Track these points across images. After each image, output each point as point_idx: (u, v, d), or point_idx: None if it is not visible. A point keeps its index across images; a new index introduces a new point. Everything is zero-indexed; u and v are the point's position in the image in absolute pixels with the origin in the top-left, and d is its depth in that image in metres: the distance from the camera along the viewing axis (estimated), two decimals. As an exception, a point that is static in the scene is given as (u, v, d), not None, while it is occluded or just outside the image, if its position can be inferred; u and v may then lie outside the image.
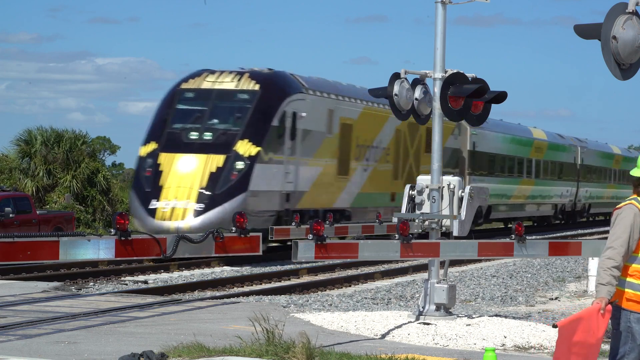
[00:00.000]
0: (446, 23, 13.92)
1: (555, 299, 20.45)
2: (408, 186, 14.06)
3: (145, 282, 21.82)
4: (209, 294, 20.00)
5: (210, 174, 26.45)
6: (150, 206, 26.01)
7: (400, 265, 27.70)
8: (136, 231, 9.49)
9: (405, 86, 14.34)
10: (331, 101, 30.98)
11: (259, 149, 27.14)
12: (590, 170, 59.85)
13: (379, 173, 34.26)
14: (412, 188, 13.96)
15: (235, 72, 28.84)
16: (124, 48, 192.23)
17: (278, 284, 22.55)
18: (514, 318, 14.49)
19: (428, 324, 12.99)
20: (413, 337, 12.28)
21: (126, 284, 21.28)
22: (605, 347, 8.54)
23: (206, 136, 27.46)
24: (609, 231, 7.33)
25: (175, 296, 18.59)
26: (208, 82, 28.70)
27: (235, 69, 29.31)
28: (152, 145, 27.59)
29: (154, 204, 26.03)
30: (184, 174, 26.55)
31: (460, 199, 13.73)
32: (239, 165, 26.79)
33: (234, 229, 10.25)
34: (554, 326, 7.12)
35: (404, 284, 22.88)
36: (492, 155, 45.44)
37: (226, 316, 13.56)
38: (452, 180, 13.84)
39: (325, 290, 21.83)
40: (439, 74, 13.85)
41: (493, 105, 14.28)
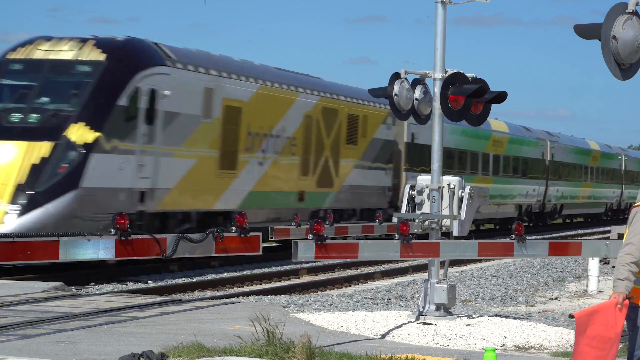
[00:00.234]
0: (446, 23, 13.93)
1: (555, 299, 20.46)
2: (408, 186, 14.07)
3: (146, 283, 21.83)
4: (209, 294, 20.01)
5: (31, 166, 20.78)
6: None
7: (400, 265, 27.71)
8: (136, 231, 9.48)
9: (405, 86, 14.34)
10: (210, 78, 24.97)
11: (98, 134, 21.54)
12: (563, 167, 54.67)
13: (281, 168, 28.53)
14: (412, 188, 13.97)
15: (78, 39, 22.94)
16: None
17: (278, 284, 22.56)
18: (514, 318, 14.49)
19: (428, 324, 12.99)
20: (413, 337, 12.28)
21: (126, 284, 21.28)
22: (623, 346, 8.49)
23: (31, 119, 21.72)
24: (608, 230, 7.33)
25: (175, 296, 18.59)
26: (40, 52, 22.78)
27: (80, 35, 23.37)
28: None
29: None
30: None
31: (460, 199, 13.75)
32: (71, 155, 21.21)
33: (234, 228, 10.24)
34: (571, 316, 7.13)
35: (404, 284, 22.89)
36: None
37: (226, 316, 13.56)
38: (452, 180, 13.85)
39: (325, 290, 21.85)
40: (439, 74, 13.86)
41: (493, 105, 14.29)
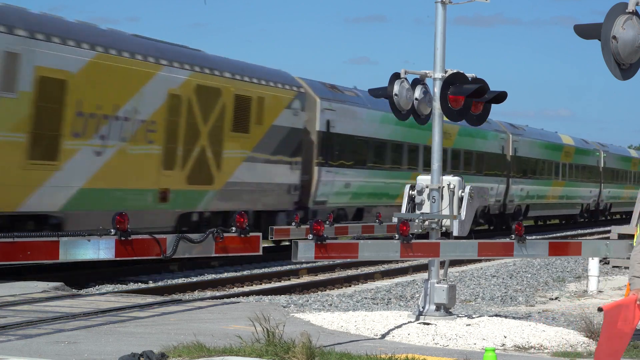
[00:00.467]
0: (446, 23, 13.93)
1: (555, 299, 20.45)
2: (408, 186, 14.07)
3: (146, 283, 21.84)
4: (209, 294, 20.02)
5: None
6: None
7: (400, 265, 27.72)
8: (136, 231, 9.47)
9: (405, 86, 14.34)
10: (16, 40, 19.42)
11: None
12: (528, 163, 47.47)
13: (131, 159, 22.73)
14: (412, 188, 13.97)
15: None
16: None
17: (278, 284, 22.57)
18: (514, 318, 14.49)
19: (428, 324, 12.99)
20: (413, 337, 12.28)
21: (126, 284, 21.29)
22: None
23: None
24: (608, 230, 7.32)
25: (175, 296, 18.60)
26: None
27: None
28: None
29: None
30: None
31: (460, 199, 13.74)
32: None
33: (234, 228, 10.24)
34: (600, 309, 7.11)
35: (404, 284, 22.89)
36: (363, 141, 32.73)
37: (226, 316, 13.56)
38: (452, 180, 13.85)
39: (325, 290, 21.86)
40: (439, 74, 13.86)
41: (493, 105, 14.29)
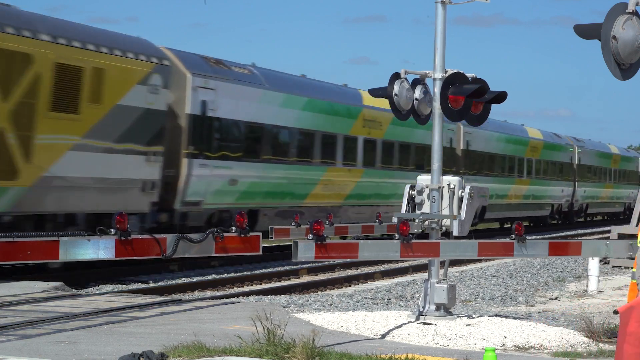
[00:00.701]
0: (446, 23, 13.92)
1: (555, 299, 20.45)
2: (408, 186, 14.06)
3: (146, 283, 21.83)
4: (209, 294, 20.02)
5: None
6: None
7: (400, 265, 27.72)
8: (136, 231, 9.48)
9: (405, 86, 14.34)
10: None
11: None
12: (481, 159, 41.33)
13: None
14: (412, 188, 13.97)
15: None
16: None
17: (278, 284, 22.57)
18: (514, 318, 14.48)
19: (428, 324, 12.99)
20: (413, 337, 12.27)
21: (126, 284, 21.29)
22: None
23: None
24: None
25: (175, 296, 18.60)
26: None
27: None
28: None
29: None
30: None
31: (460, 199, 13.74)
32: None
33: (234, 228, 10.23)
34: (615, 312, 7.08)
35: (404, 284, 22.89)
36: (257, 128, 26.46)
37: (226, 316, 13.56)
38: (452, 180, 13.85)
39: (325, 290, 21.86)
40: (439, 74, 13.85)
41: (493, 106, 14.28)
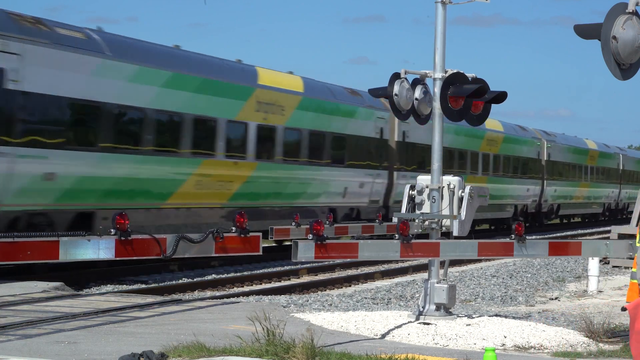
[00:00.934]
0: (446, 23, 13.91)
1: (555, 299, 20.45)
2: (408, 186, 14.06)
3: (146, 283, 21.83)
4: (209, 294, 20.01)
5: None
6: None
7: (400, 265, 27.71)
8: (136, 231, 9.47)
9: (405, 86, 14.34)
10: None
11: None
12: (414, 151, 35.32)
13: None
14: (412, 188, 13.96)
15: None
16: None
17: (278, 284, 22.56)
18: (514, 318, 14.48)
19: (428, 324, 12.99)
20: (413, 337, 12.27)
21: (126, 284, 21.28)
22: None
23: None
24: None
25: (175, 296, 18.60)
26: None
27: None
28: None
29: None
30: None
31: (460, 199, 13.74)
32: None
33: (234, 228, 10.24)
34: (623, 309, 7.10)
35: (404, 284, 22.89)
36: (78, 106, 20.64)
37: (226, 316, 13.56)
38: (452, 180, 13.84)
39: (325, 290, 21.85)
40: (439, 74, 13.85)
41: (492, 105, 14.28)
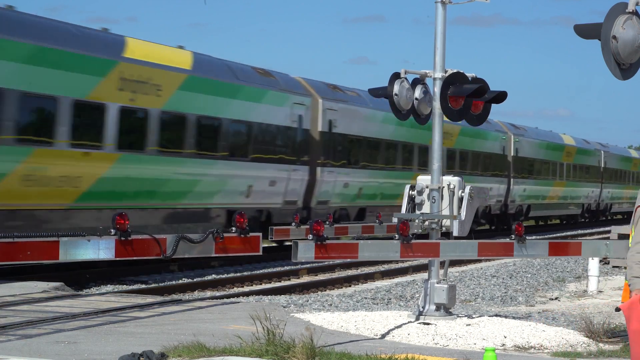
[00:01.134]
0: (446, 23, 13.91)
1: (555, 299, 20.45)
2: (408, 186, 14.06)
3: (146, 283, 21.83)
4: (209, 294, 20.01)
5: None
6: None
7: (400, 265, 27.71)
8: (136, 231, 9.47)
9: (405, 86, 14.33)
10: None
11: None
12: (346, 142, 31.06)
13: None
14: (412, 188, 13.96)
15: None
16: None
17: (278, 284, 22.56)
18: (514, 318, 14.48)
19: (428, 324, 12.99)
20: (413, 337, 12.27)
21: (126, 284, 21.28)
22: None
23: None
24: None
25: (175, 296, 18.60)
26: None
27: None
28: None
29: None
30: None
31: (460, 199, 13.74)
32: None
33: (234, 229, 10.24)
34: (617, 309, 7.11)
35: (404, 284, 22.89)
36: None
37: (226, 316, 13.56)
38: (452, 180, 13.85)
39: (325, 290, 21.85)
40: (439, 74, 13.85)
41: (492, 105, 14.28)
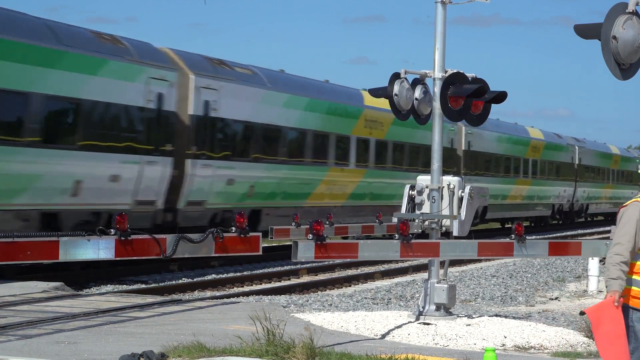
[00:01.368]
0: (446, 23, 13.91)
1: (555, 299, 20.46)
2: (408, 186, 14.06)
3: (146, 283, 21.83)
4: (209, 294, 20.01)
5: None
6: None
7: (400, 265, 27.71)
8: (136, 231, 9.46)
9: (405, 86, 14.33)
10: None
11: None
12: (224, 129, 26.60)
13: None
14: (412, 188, 13.96)
15: None
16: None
17: (278, 284, 22.57)
18: (514, 318, 14.48)
19: (428, 324, 12.99)
20: (413, 337, 12.27)
21: (126, 284, 21.28)
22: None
23: None
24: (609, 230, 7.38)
25: (175, 296, 18.59)
26: None
27: None
28: None
29: None
30: None
31: (460, 199, 13.73)
32: None
33: (234, 228, 10.24)
34: (582, 313, 7.15)
35: (404, 284, 22.89)
36: None
37: (226, 316, 13.55)
38: (452, 180, 13.84)
39: (325, 290, 21.85)
40: (439, 74, 13.85)
41: (492, 105, 14.27)
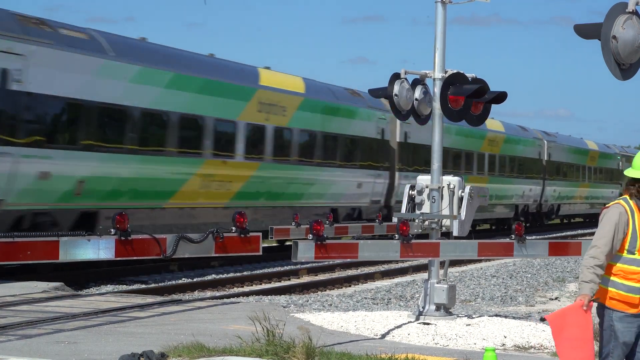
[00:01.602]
0: (446, 23, 13.90)
1: (555, 299, 20.46)
2: (408, 186, 14.06)
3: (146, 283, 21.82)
4: (209, 294, 20.02)
5: None
6: None
7: (400, 265, 27.71)
8: (136, 231, 9.47)
9: (405, 86, 14.33)
10: None
11: None
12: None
13: None
14: (412, 188, 13.96)
15: None
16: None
17: (278, 284, 22.57)
18: (514, 318, 14.48)
19: (428, 324, 12.99)
20: (413, 337, 12.27)
21: (126, 284, 21.28)
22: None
23: None
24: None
25: (175, 296, 18.60)
26: None
27: None
28: None
29: None
30: None
31: (460, 199, 13.73)
32: None
33: (234, 228, 10.24)
34: (542, 319, 7.19)
35: (404, 284, 22.89)
36: None
37: (226, 316, 13.56)
38: (452, 180, 13.84)
39: (325, 290, 21.86)
40: (439, 74, 13.85)
41: (492, 105, 14.28)
